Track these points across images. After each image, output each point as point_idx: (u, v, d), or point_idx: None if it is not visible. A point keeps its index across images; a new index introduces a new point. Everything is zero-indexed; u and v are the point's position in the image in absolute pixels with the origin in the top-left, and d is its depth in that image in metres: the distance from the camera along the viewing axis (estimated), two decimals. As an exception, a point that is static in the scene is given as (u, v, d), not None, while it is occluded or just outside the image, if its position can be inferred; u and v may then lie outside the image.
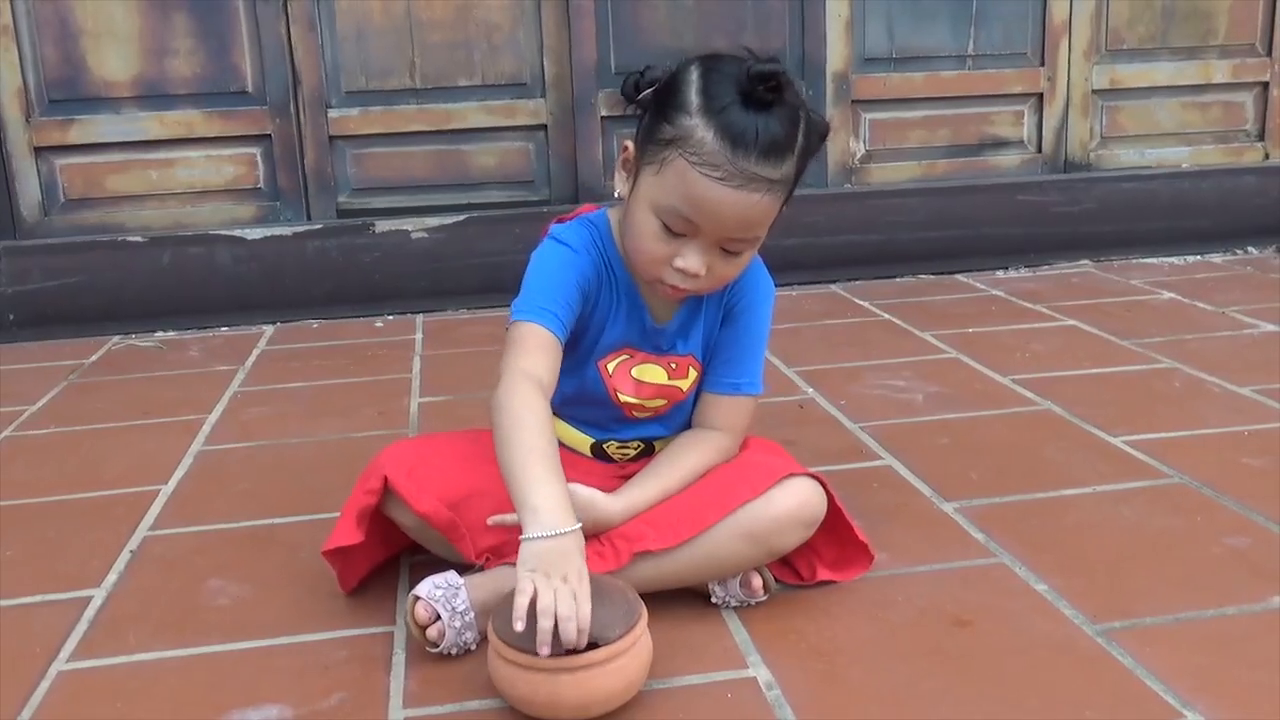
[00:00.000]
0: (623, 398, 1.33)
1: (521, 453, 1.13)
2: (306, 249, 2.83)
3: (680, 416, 1.38)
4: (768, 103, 1.14)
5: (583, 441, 1.37)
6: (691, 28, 2.97)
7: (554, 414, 1.36)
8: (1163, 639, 1.19)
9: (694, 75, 1.18)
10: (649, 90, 1.22)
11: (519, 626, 1.04)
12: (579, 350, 1.32)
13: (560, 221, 1.32)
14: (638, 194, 1.21)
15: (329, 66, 2.87)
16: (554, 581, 1.05)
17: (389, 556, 1.40)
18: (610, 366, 1.32)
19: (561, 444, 1.36)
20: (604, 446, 1.37)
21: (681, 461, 1.31)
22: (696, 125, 1.14)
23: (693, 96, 1.16)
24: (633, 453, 1.38)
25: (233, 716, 1.12)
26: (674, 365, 1.33)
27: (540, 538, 1.07)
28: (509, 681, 1.08)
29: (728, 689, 1.14)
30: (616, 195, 1.27)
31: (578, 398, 1.34)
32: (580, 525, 1.10)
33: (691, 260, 1.19)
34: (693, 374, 1.35)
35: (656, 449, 1.38)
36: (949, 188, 3.12)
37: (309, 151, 2.89)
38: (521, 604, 1.04)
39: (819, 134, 1.22)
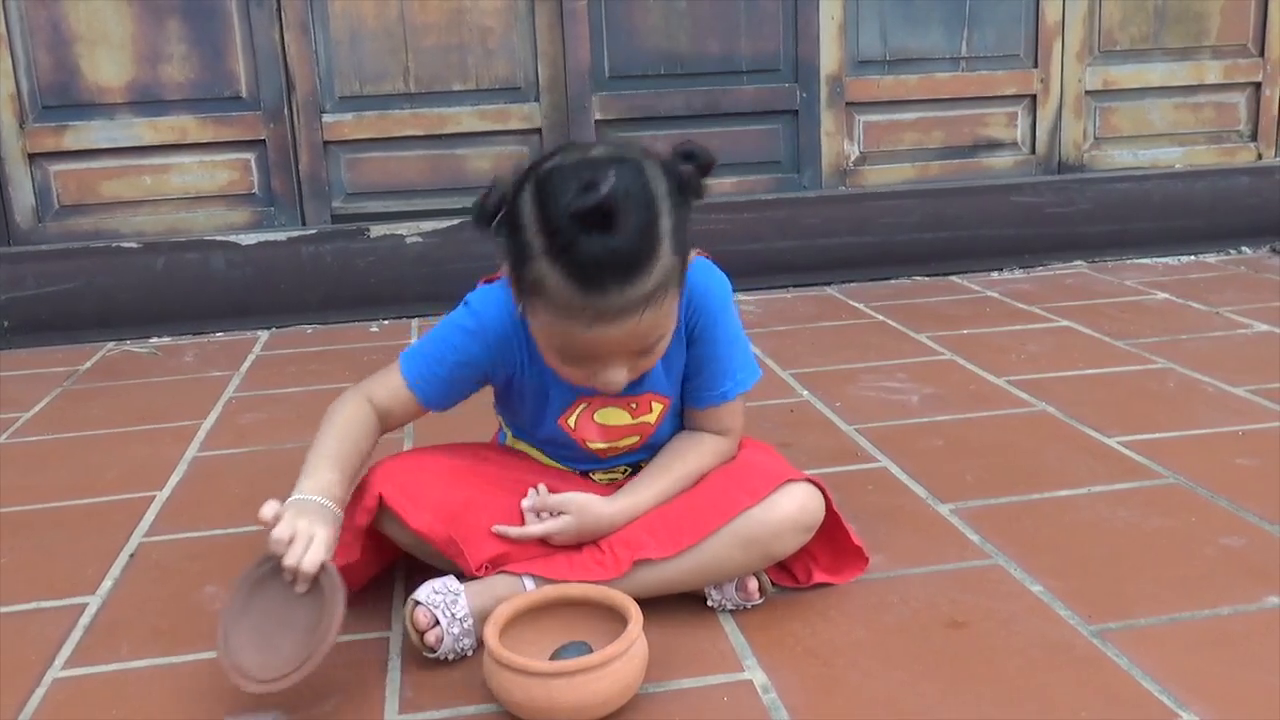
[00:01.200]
0: (592, 445, 1.32)
1: (315, 452, 1.22)
2: (301, 254, 2.82)
3: (660, 443, 1.35)
4: (608, 224, 1.04)
5: (569, 471, 1.37)
6: (685, 31, 2.98)
7: (540, 450, 1.37)
8: (1158, 640, 1.19)
9: (530, 205, 1.10)
10: (498, 214, 1.15)
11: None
12: (527, 411, 1.32)
13: (487, 281, 1.29)
14: (529, 323, 1.19)
15: (323, 71, 2.87)
16: (301, 523, 1.11)
17: (384, 568, 1.40)
18: (572, 421, 1.30)
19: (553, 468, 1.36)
20: (591, 476, 1.37)
21: (679, 464, 1.31)
22: (546, 273, 1.08)
23: (532, 237, 1.09)
24: (621, 476, 1.38)
25: (229, 723, 1.12)
26: (634, 405, 1.31)
27: (302, 499, 1.16)
28: (505, 687, 1.08)
29: (724, 692, 1.14)
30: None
31: (553, 444, 1.35)
32: (339, 514, 1.17)
33: (608, 377, 1.17)
34: (656, 408, 1.32)
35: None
36: (943, 189, 3.12)
37: (303, 156, 2.89)
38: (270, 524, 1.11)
39: (692, 189, 1.14)
